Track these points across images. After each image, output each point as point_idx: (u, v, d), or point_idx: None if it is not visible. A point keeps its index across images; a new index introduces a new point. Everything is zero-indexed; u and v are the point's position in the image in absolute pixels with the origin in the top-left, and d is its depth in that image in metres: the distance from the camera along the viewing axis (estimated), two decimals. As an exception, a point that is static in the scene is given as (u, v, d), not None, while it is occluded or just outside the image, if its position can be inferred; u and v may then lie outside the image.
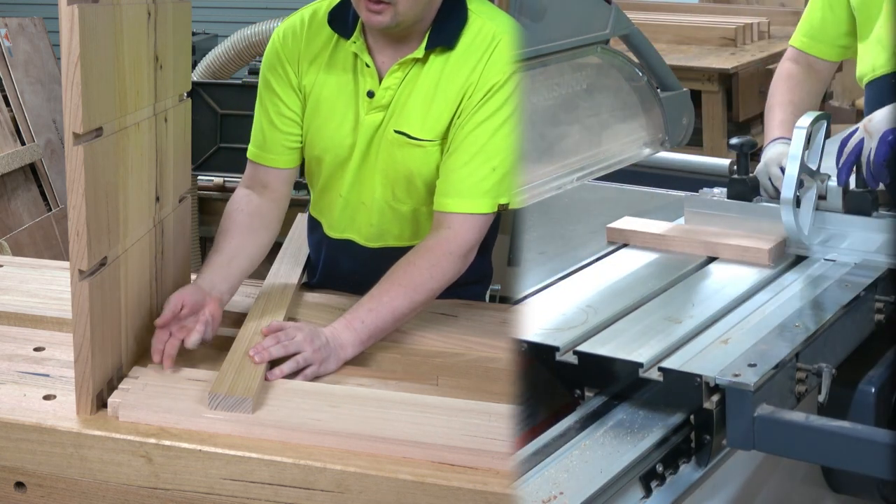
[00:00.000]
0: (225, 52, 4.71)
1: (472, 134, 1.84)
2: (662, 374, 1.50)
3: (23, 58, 5.05)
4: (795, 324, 1.67)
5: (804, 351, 1.60)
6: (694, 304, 1.77)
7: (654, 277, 1.89)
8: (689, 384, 1.48)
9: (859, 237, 1.98)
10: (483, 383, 1.72)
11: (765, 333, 1.63)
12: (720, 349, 1.59)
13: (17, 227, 4.44)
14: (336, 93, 1.93)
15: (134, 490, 1.48)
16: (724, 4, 5.68)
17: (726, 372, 1.48)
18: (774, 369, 1.51)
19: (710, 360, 1.53)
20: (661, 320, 1.69)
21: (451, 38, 1.86)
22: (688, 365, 1.52)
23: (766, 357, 1.53)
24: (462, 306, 2.01)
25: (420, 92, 1.88)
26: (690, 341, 1.63)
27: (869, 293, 1.83)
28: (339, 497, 1.43)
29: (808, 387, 1.58)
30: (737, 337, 1.64)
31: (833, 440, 1.43)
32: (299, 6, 1.99)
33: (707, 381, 1.47)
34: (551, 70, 2.49)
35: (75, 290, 1.47)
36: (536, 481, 1.35)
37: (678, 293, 1.84)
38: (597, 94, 2.69)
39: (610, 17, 2.57)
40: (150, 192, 1.74)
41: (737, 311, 1.76)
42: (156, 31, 1.70)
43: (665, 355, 1.56)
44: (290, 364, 1.67)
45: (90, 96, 1.42)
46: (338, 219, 2.05)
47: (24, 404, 1.55)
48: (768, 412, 1.46)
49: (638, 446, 1.43)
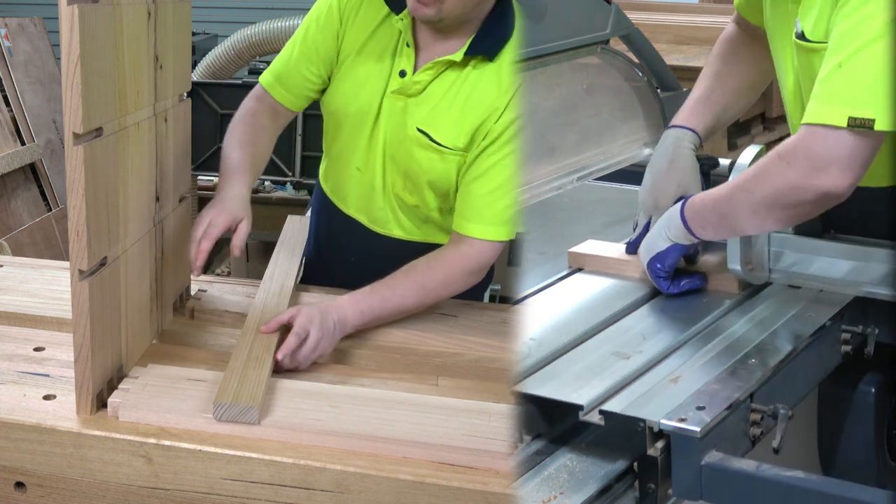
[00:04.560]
0: (225, 52, 4.71)
1: (501, 163, 1.85)
2: (604, 418, 1.41)
3: (23, 58, 5.05)
4: (752, 360, 1.57)
5: (759, 390, 1.50)
6: (645, 338, 1.66)
7: (604, 307, 1.78)
8: (633, 428, 1.38)
9: (825, 263, 1.88)
10: (483, 383, 1.72)
11: (719, 371, 1.53)
12: (669, 389, 1.49)
13: (17, 227, 4.44)
14: (372, 63, 1.93)
15: (134, 490, 1.48)
16: (724, 4, 5.67)
17: (672, 415, 1.38)
18: (727, 410, 1.42)
19: (657, 402, 1.44)
20: (608, 356, 1.59)
21: (493, 49, 1.84)
22: (632, 407, 1.42)
23: (716, 398, 1.44)
24: (462, 306, 2.01)
25: (453, 97, 1.87)
26: (637, 380, 1.52)
27: (835, 323, 1.73)
28: (339, 497, 1.43)
29: (764, 429, 1.48)
30: (688, 375, 1.53)
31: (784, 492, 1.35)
32: (299, 6, 1.99)
33: (651, 426, 1.37)
34: (551, 70, 2.49)
35: (75, 290, 1.47)
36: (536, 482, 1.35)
37: (629, 324, 1.73)
38: (597, 94, 2.69)
39: (610, 17, 2.57)
40: (150, 192, 1.74)
41: (690, 344, 1.65)
42: (156, 31, 1.70)
43: (608, 396, 1.46)
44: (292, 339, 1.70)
45: (90, 96, 1.42)
46: (349, 193, 2.07)
47: (24, 404, 1.55)
48: (716, 460, 1.37)
49: (578, 495, 1.35)
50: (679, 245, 1.81)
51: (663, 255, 1.82)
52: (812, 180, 1.58)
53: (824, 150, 1.57)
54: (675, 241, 1.81)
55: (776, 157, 1.63)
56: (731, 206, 1.72)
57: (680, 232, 1.80)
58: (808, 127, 1.59)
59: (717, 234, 1.79)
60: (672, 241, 1.81)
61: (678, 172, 1.92)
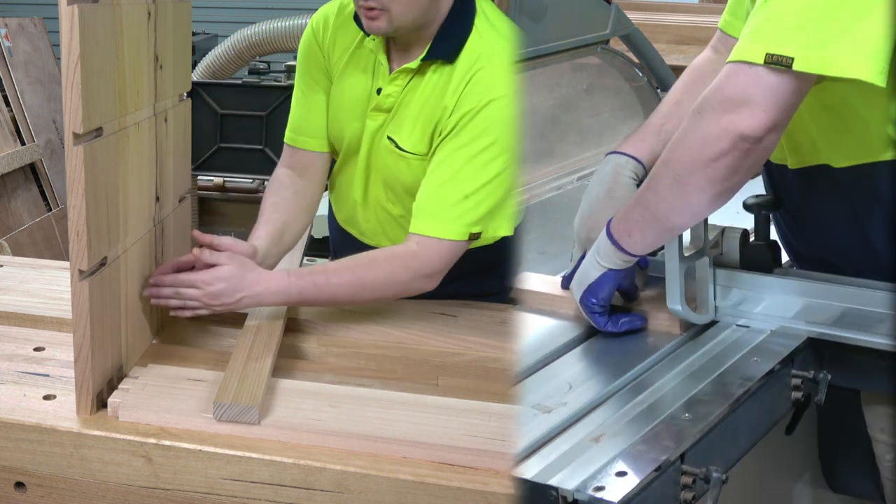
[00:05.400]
0: (225, 52, 4.72)
1: (448, 158, 1.80)
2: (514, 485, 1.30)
3: (23, 58, 5.05)
4: (685, 414, 1.40)
5: (692, 450, 1.33)
6: (571, 387, 1.51)
7: (533, 351, 1.62)
8: (544, 498, 1.25)
9: (776, 300, 1.70)
10: (483, 383, 1.72)
11: (647, 427, 1.37)
12: (590, 449, 1.33)
13: (17, 227, 4.44)
14: (354, 86, 1.94)
15: (134, 490, 1.48)
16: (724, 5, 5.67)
17: (588, 483, 1.24)
18: (655, 473, 1.26)
19: (575, 466, 1.29)
20: (529, 409, 1.44)
21: (450, 52, 1.82)
22: (545, 472, 1.28)
23: (641, 461, 1.28)
24: (462, 306, 2.01)
25: (415, 103, 1.86)
26: (557, 437, 1.37)
27: (784, 367, 1.56)
28: (339, 497, 1.43)
29: (697, 493, 1.31)
30: (614, 431, 1.37)
31: None
32: (299, 6, 2.00)
33: (564, 496, 1.24)
34: (551, 70, 2.49)
35: (75, 290, 1.47)
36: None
37: (557, 371, 1.57)
38: (597, 94, 2.70)
39: (610, 17, 2.57)
40: (150, 192, 1.74)
41: (621, 394, 1.49)
42: (156, 31, 1.70)
43: (523, 457, 1.32)
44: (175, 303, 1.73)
45: (90, 96, 1.42)
46: (345, 209, 2.08)
47: (24, 404, 1.55)
48: None
49: None
50: (612, 271, 1.64)
51: (595, 287, 1.65)
52: (724, 123, 1.44)
53: (737, 89, 1.44)
54: (607, 266, 1.64)
55: (691, 115, 1.49)
56: (652, 189, 1.57)
57: (610, 252, 1.63)
58: (726, 67, 1.47)
59: (644, 238, 1.60)
60: (604, 268, 1.64)
61: (615, 202, 1.72)
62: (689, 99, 1.73)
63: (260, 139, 4.43)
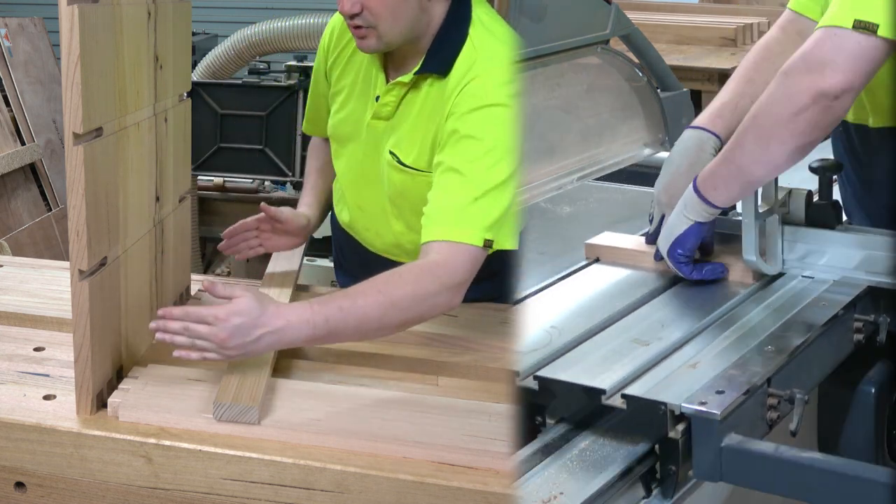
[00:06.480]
0: (225, 52, 4.71)
1: (450, 166, 1.76)
2: (626, 402, 1.43)
3: (23, 58, 5.04)
4: (767, 346, 1.58)
5: (776, 375, 1.51)
6: (663, 325, 1.68)
7: (623, 296, 1.80)
8: (654, 412, 1.40)
9: (837, 253, 1.88)
10: (483, 383, 1.72)
11: (736, 357, 1.55)
12: (688, 374, 1.51)
13: (17, 227, 4.44)
14: (356, 91, 1.95)
15: (134, 490, 1.48)
16: (724, 4, 5.67)
17: (692, 399, 1.41)
18: (744, 395, 1.44)
19: (677, 386, 1.46)
20: (628, 343, 1.61)
21: (441, 66, 1.80)
22: (653, 391, 1.44)
23: (735, 383, 1.46)
24: (462, 306, 2.00)
25: (413, 118, 1.85)
26: (657, 365, 1.55)
27: (847, 312, 1.74)
28: (339, 497, 1.43)
29: (781, 413, 1.50)
30: (706, 360, 1.55)
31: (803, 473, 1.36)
32: (299, 6, 2.00)
33: (672, 409, 1.40)
34: (551, 70, 2.49)
35: (75, 290, 1.47)
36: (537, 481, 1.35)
37: (647, 313, 1.75)
38: (597, 94, 2.69)
39: (610, 17, 2.57)
40: (150, 192, 1.74)
41: (708, 331, 1.68)
42: (156, 31, 1.70)
43: (629, 381, 1.49)
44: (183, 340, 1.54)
45: (90, 96, 1.42)
46: (348, 211, 2.08)
47: (24, 404, 1.55)
48: (736, 442, 1.39)
49: (599, 477, 1.36)
50: (698, 224, 1.80)
51: (682, 238, 1.81)
52: (807, 82, 1.60)
53: (822, 52, 1.60)
54: (693, 219, 1.80)
55: (778, 76, 1.64)
56: (739, 143, 1.71)
57: (696, 205, 1.79)
58: (816, 32, 1.62)
59: (728, 190, 1.77)
60: (691, 221, 1.80)
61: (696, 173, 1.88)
62: (760, 76, 1.92)
63: (260, 139, 4.42)
